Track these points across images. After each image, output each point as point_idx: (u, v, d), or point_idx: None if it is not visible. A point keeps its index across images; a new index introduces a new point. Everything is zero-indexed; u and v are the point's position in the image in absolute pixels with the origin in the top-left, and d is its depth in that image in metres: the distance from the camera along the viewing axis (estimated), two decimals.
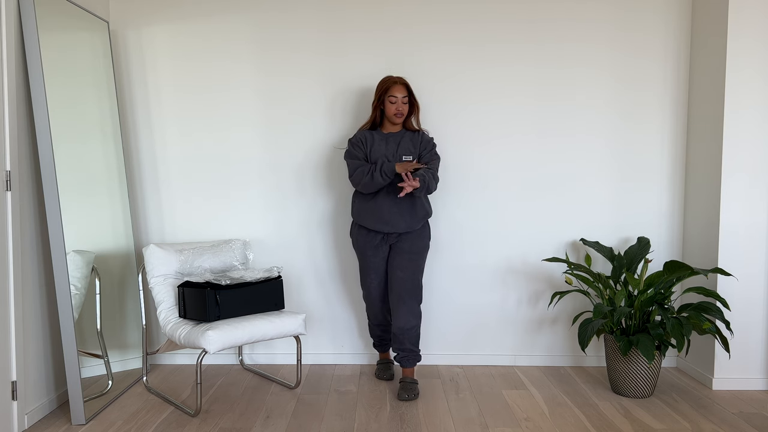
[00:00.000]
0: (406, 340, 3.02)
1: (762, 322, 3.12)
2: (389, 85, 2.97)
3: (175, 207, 3.47)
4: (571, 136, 3.43)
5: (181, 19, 3.39)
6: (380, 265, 3.09)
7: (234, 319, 2.84)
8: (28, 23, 2.58)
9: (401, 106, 2.97)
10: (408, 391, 2.94)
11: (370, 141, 3.03)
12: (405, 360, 3.05)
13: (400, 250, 3.03)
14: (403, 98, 2.97)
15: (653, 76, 3.40)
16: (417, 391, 2.98)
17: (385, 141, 3.03)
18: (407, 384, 2.99)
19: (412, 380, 3.02)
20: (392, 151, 3.01)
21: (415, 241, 3.04)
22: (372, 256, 3.08)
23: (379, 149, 3.01)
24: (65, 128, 2.81)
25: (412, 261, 3.03)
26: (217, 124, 3.43)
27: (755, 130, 3.05)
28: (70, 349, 2.64)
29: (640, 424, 2.65)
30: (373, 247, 3.06)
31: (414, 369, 3.12)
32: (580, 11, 3.37)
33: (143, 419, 2.71)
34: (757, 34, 3.01)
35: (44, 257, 2.76)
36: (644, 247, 3.19)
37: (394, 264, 3.04)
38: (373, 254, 3.07)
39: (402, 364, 3.06)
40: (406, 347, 3.03)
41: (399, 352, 3.06)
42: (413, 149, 3.03)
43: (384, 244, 3.06)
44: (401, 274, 3.01)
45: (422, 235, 3.07)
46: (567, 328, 3.51)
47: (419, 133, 3.08)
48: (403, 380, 3.03)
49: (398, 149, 3.01)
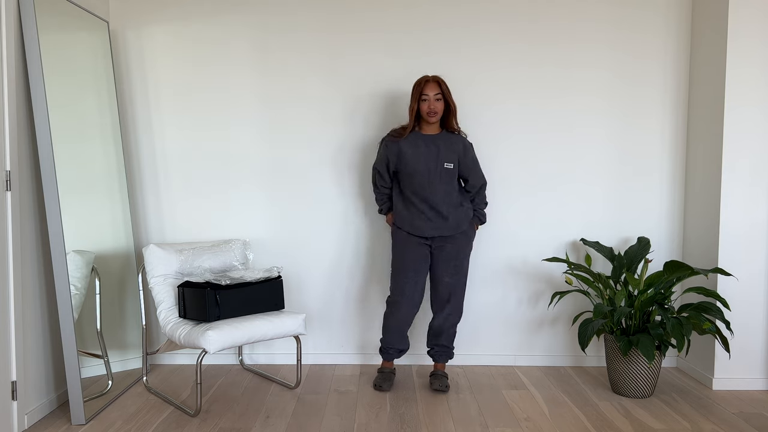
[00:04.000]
0: (445, 337, 3.10)
1: (762, 322, 3.12)
2: (422, 83, 2.93)
3: (175, 207, 3.47)
4: (571, 136, 3.43)
5: (181, 19, 3.39)
6: (420, 264, 3.01)
7: (234, 319, 2.84)
8: (28, 23, 2.58)
9: (434, 104, 2.91)
10: (441, 381, 3.03)
11: (406, 147, 2.97)
12: (439, 355, 3.12)
13: (447, 254, 3.01)
14: (435, 96, 2.91)
15: (653, 76, 3.40)
16: (448, 384, 3.06)
17: (424, 142, 2.98)
18: (439, 375, 3.08)
19: (443, 373, 3.11)
20: (433, 155, 2.96)
21: (463, 244, 3.03)
22: (411, 252, 2.99)
23: (418, 153, 2.95)
24: (65, 128, 2.81)
25: (460, 265, 3.03)
26: (217, 123, 3.43)
27: (755, 130, 3.05)
28: (70, 349, 2.64)
29: (640, 424, 2.65)
30: (413, 244, 3.01)
31: (445, 365, 3.24)
32: (580, 11, 3.37)
33: (143, 419, 2.71)
34: (757, 33, 3.01)
35: (44, 257, 2.76)
36: (644, 247, 3.19)
37: (441, 270, 3.02)
38: (413, 250, 2.99)
39: (435, 358, 3.14)
40: (442, 343, 3.11)
41: (434, 347, 3.12)
42: (455, 156, 2.98)
43: (426, 245, 3.03)
44: (450, 279, 3.02)
45: (468, 237, 3.05)
46: (567, 328, 3.51)
47: (459, 136, 3.04)
48: (434, 373, 3.11)
49: (440, 154, 2.96)
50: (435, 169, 2.96)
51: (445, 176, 2.97)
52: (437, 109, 2.92)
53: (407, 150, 2.97)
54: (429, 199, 2.97)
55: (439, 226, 2.98)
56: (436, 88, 2.92)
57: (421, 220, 2.98)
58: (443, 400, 2.94)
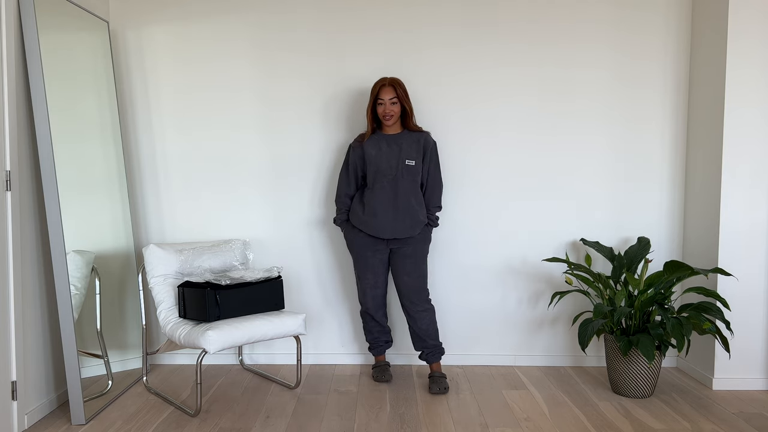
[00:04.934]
0: (428, 338, 3.11)
1: (762, 322, 3.12)
2: (378, 87, 3.00)
3: (175, 207, 3.47)
4: (571, 136, 3.43)
5: (181, 19, 3.39)
6: (379, 267, 3.11)
7: (234, 319, 2.84)
8: (28, 23, 2.58)
9: (389, 108, 2.98)
10: (439, 385, 3.03)
11: (369, 148, 3.03)
12: (431, 356, 3.14)
13: (404, 255, 3.06)
14: (390, 100, 2.98)
15: (653, 76, 3.40)
16: (447, 385, 3.06)
17: (386, 142, 3.04)
18: (437, 378, 3.08)
19: (440, 374, 3.11)
20: (395, 154, 3.02)
21: (420, 245, 3.08)
22: (371, 257, 3.09)
23: (381, 153, 3.02)
24: (65, 128, 2.81)
25: (418, 266, 3.08)
26: (217, 123, 3.43)
27: (755, 130, 3.05)
28: (70, 349, 2.64)
29: (640, 424, 2.65)
30: (371, 248, 3.08)
31: (440, 363, 3.24)
32: (580, 12, 3.37)
33: (143, 419, 2.71)
34: (758, 34, 3.01)
35: (44, 257, 2.76)
36: (644, 247, 3.19)
37: (399, 269, 3.07)
38: (372, 255, 3.09)
39: (428, 360, 3.15)
40: (429, 344, 3.12)
41: (424, 350, 3.14)
42: (416, 153, 3.03)
43: (384, 247, 3.08)
44: (408, 279, 3.06)
45: (425, 238, 3.10)
46: (567, 328, 3.51)
47: (423, 134, 3.09)
48: (432, 375, 3.12)
49: (401, 153, 3.02)
50: (397, 167, 3.00)
51: (407, 174, 3.01)
52: (392, 112, 2.99)
53: (370, 151, 3.04)
54: (392, 198, 3.00)
55: (397, 228, 3.00)
56: (391, 92, 2.98)
57: (380, 220, 3.00)
58: (443, 400, 2.94)
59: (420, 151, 3.04)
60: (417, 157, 3.03)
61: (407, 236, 3.03)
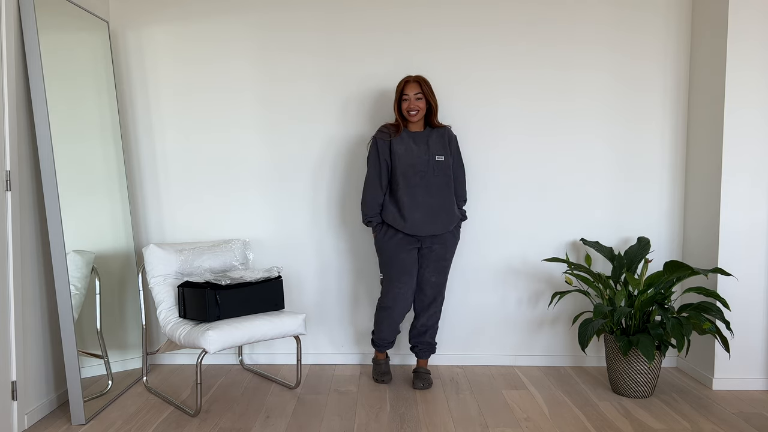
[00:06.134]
0: (429, 334, 3.14)
1: (762, 322, 3.12)
2: (402, 84, 3.01)
3: (175, 207, 3.47)
4: (572, 136, 3.43)
5: (181, 20, 3.39)
6: (412, 268, 3.05)
7: (234, 319, 2.84)
8: (28, 23, 2.58)
9: (414, 103, 2.99)
10: (423, 381, 3.06)
11: (397, 146, 3.01)
12: (422, 352, 3.15)
13: (436, 255, 3.05)
14: (415, 95, 2.99)
15: (653, 77, 3.40)
16: (431, 381, 3.10)
17: (413, 140, 3.03)
18: (421, 374, 3.11)
19: (426, 370, 3.14)
20: (423, 151, 3.01)
21: (449, 243, 3.07)
22: (406, 258, 3.03)
23: (409, 150, 3.00)
24: (65, 128, 2.81)
25: (444, 265, 3.09)
26: (218, 124, 3.43)
27: (755, 130, 3.05)
28: (70, 349, 2.64)
29: (640, 424, 2.65)
30: (407, 249, 3.03)
31: (427, 360, 3.24)
32: (580, 13, 3.37)
33: (143, 419, 2.71)
34: (758, 35, 3.01)
35: (44, 257, 2.76)
36: (644, 247, 3.19)
37: (428, 269, 3.06)
38: (407, 255, 3.03)
39: (419, 355, 3.16)
40: (426, 341, 3.14)
41: (418, 345, 3.15)
42: (443, 148, 3.04)
43: (417, 246, 3.05)
44: (433, 277, 3.06)
45: (454, 236, 3.10)
46: (567, 328, 3.51)
47: (445, 129, 3.11)
48: (417, 370, 3.14)
49: (429, 149, 3.01)
50: (428, 163, 3.00)
51: (438, 170, 3.00)
52: (417, 107, 3.00)
53: (398, 148, 3.03)
54: (425, 194, 2.99)
55: (434, 225, 2.99)
56: (416, 88, 2.99)
57: (416, 218, 2.98)
58: (443, 400, 2.94)
59: (446, 146, 3.06)
60: (445, 152, 3.03)
61: (444, 232, 3.02)
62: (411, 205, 2.98)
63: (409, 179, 2.99)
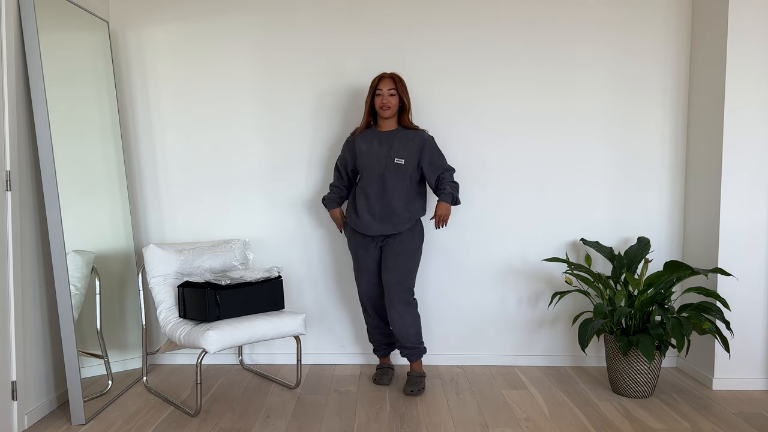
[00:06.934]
0: (405, 340, 3.05)
1: (762, 322, 3.12)
2: (377, 79, 3.00)
3: (175, 207, 3.47)
4: (572, 136, 3.43)
5: (181, 20, 3.39)
6: (371, 266, 3.09)
7: (234, 319, 2.84)
8: (28, 23, 2.58)
9: (387, 99, 2.97)
10: (414, 385, 3.01)
11: (360, 143, 3.04)
12: (410, 355, 3.11)
13: (388, 252, 3.04)
14: (389, 91, 2.97)
15: (653, 77, 3.40)
16: (423, 385, 3.04)
17: (378, 140, 3.04)
18: (414, 378, 3.06)
19: (418, 374, 3.09)
20: (385, 151, 3.00)
21: (405, 242, 3.03)
22: (363, 257, 3.08)
23: (371, 150, 3.02)
24: (65, 128, 2.81)
25: (399, 263, 3.01)
26: (217, 124, 3.43)
27: (755, 130, 3.05)
28: (70, 349, 2.64)
29: (640, 424, 2.65)
30: (363, 247, 3.07)
31: (421, 362, 3.14)
32: (579, 13, 3.37)
33: (143, 419, 2.71)
34: (758, 35, 3.01)
35: (44, 257, 2.76)
36: (644, 247, 3.19)
37: (385, 268, 3.04)
38: (364, 254, 3.08)
39: (408, 359, 3.13)
40: (407, 346, 3.07)
41: (403, 350, 3.11)
42: (407, 152, 2.99)
43: (375, 245, 3.07)
44: (388, 276, 3.02)
45: (412, 236, 3.04)
46: (567, 328, 3.51)
47: (417, 132, 3.05)
48: (410, 374, 3.09)
49: (391, 150, 3.00)
50: (386, 164, 2.99)
51: (395, 172, 2.99)
52: (390, 103, 2.98)
53: (361, 146, 3.05)
54: (378, 195, 2.99)
55: (384, 225, 2.99)
56: (390, 84, 2.98)
57: (367, 218, 3.00)
58: (443, 400, 2.94)
59: (413, 150, 3.01)
60: (408, 156, 2.99)
61: (392, 233, 3.01)
62: (364, 205, 3.02)
63: (366, 179, 3.03)
